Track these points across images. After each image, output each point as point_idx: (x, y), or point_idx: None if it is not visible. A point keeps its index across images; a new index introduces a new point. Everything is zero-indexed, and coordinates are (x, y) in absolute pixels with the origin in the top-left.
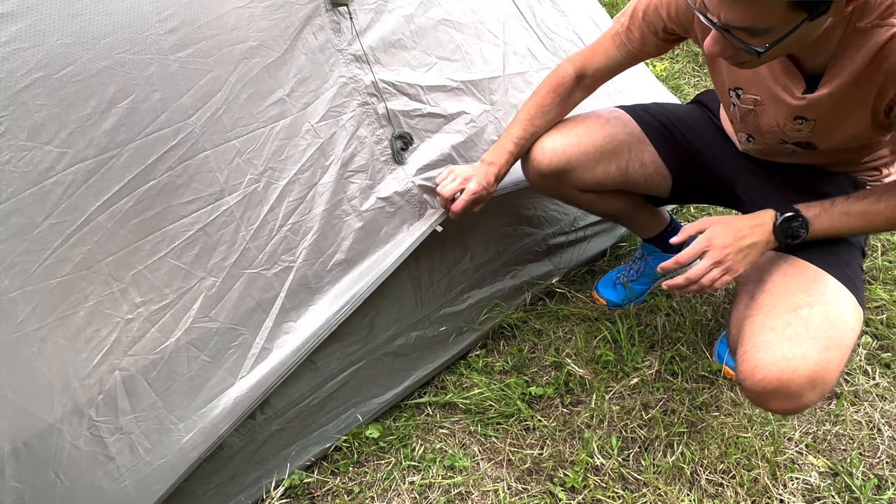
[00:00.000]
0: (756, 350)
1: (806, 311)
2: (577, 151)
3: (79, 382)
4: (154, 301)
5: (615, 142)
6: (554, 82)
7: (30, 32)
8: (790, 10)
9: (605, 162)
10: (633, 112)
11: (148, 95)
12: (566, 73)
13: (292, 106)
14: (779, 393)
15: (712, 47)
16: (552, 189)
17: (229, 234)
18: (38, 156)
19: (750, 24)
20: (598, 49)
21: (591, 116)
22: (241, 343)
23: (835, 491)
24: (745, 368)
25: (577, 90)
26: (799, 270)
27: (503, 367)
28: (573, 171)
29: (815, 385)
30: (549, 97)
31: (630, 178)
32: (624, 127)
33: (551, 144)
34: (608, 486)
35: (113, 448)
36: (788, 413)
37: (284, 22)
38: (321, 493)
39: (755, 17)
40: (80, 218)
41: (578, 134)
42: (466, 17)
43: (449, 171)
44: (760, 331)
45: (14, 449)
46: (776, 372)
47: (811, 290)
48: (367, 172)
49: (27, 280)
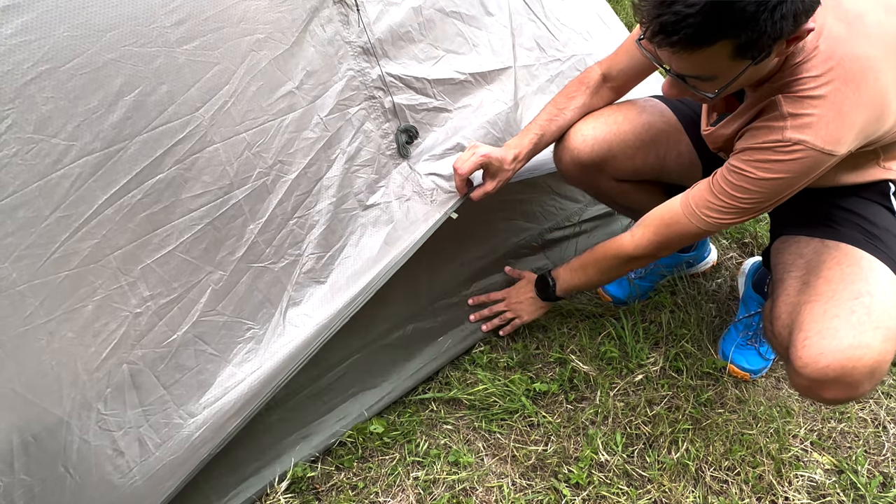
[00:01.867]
0: (820, 336)
1: (868, 299)
2: (617, 138)
3: (87, 376)
4: (162, 295)
5: (654, 130)
6: (581, 76)
7: (36, 24)
8: (733, 60)
9: (644, 150)
10: (669, 102)
11: (155, 88)
12: (593, 71)
13: (301, 99)
14: (840, 381)
15: (669, 90)
16: (586, 178)
17: (237, 228)
18: (45, 148)
19: (699, 74)
20: (621, 50)
21: (626, 104)
22: (249, 337)
23: (840, 488)
24: (808, 355)
25: (604, 88)
26: (853, 259)
27: (507, 363)
28: (614, 159)
29: (874, 374)
30: (574, 86)
31: (666, 168)
32: (661, 115)
33: (591, 132)
34: (613, 483)
35: (122, 442)
36: (840, 402)
37: (292, 14)
38: (326, 488)
39: (702, 68)
40: (87, 211)
41: (617, 122)
42: (474, 10)
43: (472, 147)
44: (823, 317)
45: (23, 442)
46: (842, 360)
47: (870, 279)
48: (373, 167)
49: (35, 273)
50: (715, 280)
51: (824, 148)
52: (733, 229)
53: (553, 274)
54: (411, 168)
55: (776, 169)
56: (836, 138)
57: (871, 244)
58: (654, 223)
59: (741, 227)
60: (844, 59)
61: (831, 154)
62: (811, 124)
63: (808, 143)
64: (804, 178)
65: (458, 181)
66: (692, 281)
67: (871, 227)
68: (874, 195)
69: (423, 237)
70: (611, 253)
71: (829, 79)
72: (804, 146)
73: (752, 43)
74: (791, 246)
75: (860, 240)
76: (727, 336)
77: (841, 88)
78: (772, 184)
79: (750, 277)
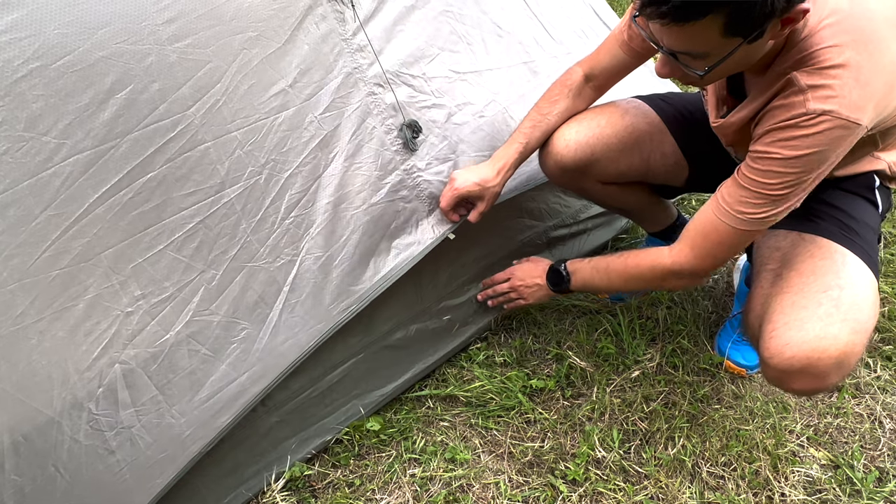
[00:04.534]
0: (787, 328)
1: (837, 292)
2: (600, 142)
3: (78, 376)
4: (154, 294)
5: (637, 132)
6: (563, 78)
7: (26, 22)
8: (725, 37)
9: (627, 153)
10: (652, 101)
11: (146, 86)
12: (575, 72)
13: (295, 97)
14: (806, 372)
15: (661, 69)
16: (572, 182)
17: (230, 227)
18: (35, 146)
19: (689, 49)
20: (602, 50)
21: (609, 107)
22: (243, 337)
23: (836, 483)
24: (774, 346)
25: (586, 88)
26: (827, 252)
27: (504, 359)
28: (597, 164)
29: (842, 366)
30: (556, 90)
31: (651, 169)
32: (644, 117)
33: (574, 136)
34: (609, 479)
35: (113, 442)
36: (809, 394)
37: (284, 12)
38: (322, 486)
39: (693, 43)
40: (78, 210)
41: (600, 125)
42: (468, 8)
43: (450, 181)
44: (791, 308)
45: (14, 442)
46: (807, 351)
47: (841, 273)
48: (376, 164)
49: (25, 272)
50: (711, 276)
51: (850, 116)
52: None
53: (569, 267)
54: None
55: (803, 145)
56: (859, 106)
57: (847, 237)
58: (689, 234)
59: None
60: (856, 29)
61: (856, 123)
62: (834, 93)
63: (834, 112)
64: (832, 153)
65: (445, 214)
66: None
67: (849, 221)
68: (858, 188)
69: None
70: (645, 263)
71: (846, 47)
72: (830, 116)
73: (742, 19)
74: (770, 240)
75: (836, 233)
76: (723, 332)
77: (858, 56)
78: (801, 162)
79: (744, 273)
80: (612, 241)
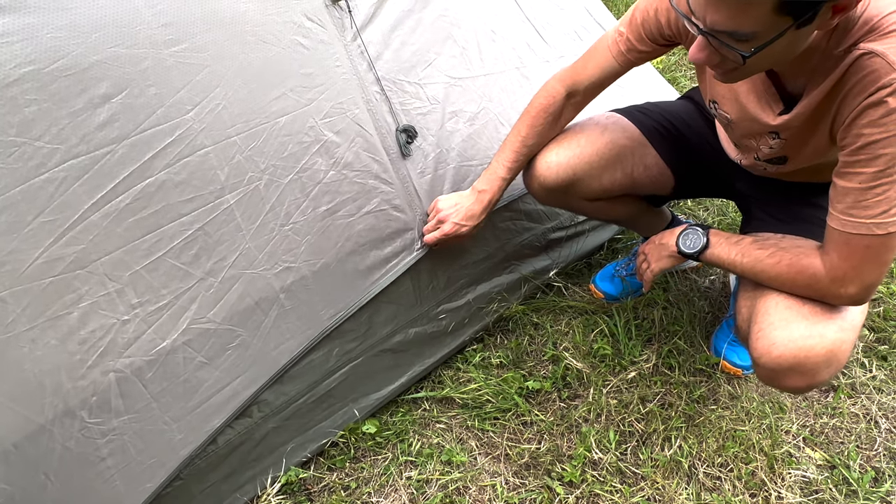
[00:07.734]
0: (772, 328)
1: None
2: (581, 162)
3: (71, 384)
4: (151, 302)
5: (617, 147)
6: (545, 102)
7: (19, 26)
8: (776, 14)
9: (610, 169)
10: (630, 115)
11: (143, 90)
12: (556, 92)
13: (295, 102)
14: (795, 370)
15: (697, 54)
16: (558, 201)
17: (229, 234)
18: (28, 152)
19: (735, 28)
20: (590, 62)
21: (588, 125)
22: (238, 344)
23: (832, 484)
24: (762, 346)
25: (567, 108)
26: None
27: (500, 361)
28: (580, 182)
29: (831, 363)
30: (540, 118)
31: (636, 182)
32: (623, 132)
33: (555, 158)
34: (606, 480)
35: (105, 449)
36: (800, 391)
37: (283, 17)
38: (318, 489)
39: (741, 20)
40: (73, 216)
41: (580, 145)
42: (464, 13)
43: (434, 213)
44: (776, 308)
45: (3, 452)
46: (794, 349)
47: None
48: (370, 172)
49: (17, 279)
50: (707, 277)
51: None
52: (724, 227)
53: (711, 235)
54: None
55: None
56: None
57: None
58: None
59: (735, 223)
60: None
61: None
62: None
63: None
64: None
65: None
66: (684, 277)
67: None
68: None
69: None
70: (807, 272)
71: None
72: None
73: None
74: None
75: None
76: (719, 332)
77: None
78: None
79: None
80: (609, 242)
